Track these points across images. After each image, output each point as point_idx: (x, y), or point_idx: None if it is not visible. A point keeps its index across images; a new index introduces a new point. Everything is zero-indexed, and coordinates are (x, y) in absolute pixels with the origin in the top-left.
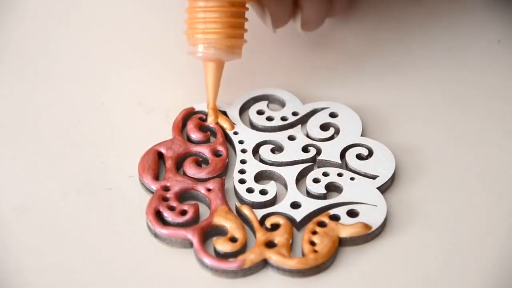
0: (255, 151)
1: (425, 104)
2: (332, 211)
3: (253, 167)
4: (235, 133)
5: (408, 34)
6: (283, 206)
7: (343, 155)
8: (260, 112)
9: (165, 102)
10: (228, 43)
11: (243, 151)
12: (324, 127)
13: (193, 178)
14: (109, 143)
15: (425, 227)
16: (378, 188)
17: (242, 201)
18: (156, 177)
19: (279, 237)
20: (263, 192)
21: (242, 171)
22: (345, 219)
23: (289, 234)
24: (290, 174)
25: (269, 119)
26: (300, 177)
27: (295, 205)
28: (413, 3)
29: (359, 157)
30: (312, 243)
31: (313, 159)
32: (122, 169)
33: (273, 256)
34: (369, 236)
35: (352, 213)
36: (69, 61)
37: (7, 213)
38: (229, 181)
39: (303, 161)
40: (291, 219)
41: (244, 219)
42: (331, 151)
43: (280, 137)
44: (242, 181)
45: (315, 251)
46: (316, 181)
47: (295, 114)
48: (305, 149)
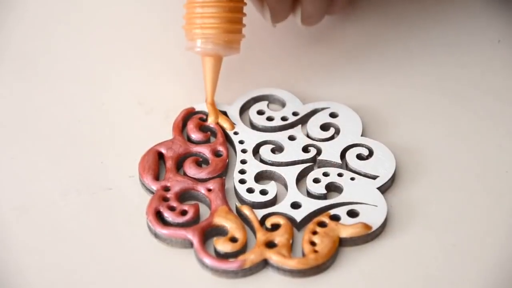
0: (256, 151)
1: (425, 104)
2: (333, 211)
3: (254, 167)
4: (236, 133)
5: (408, 34)
6: (283, 206)
7: (343, 155)
8: (260, 112)
9: (165, 102)
10: (226, 38)
11: (244, 151)
12: (324, 127)
13: (193, 178)
14: (109, 143)
15: (425, 227)
16: (378, 188)
17: (243, 201)
18: (157, 177)
19: (279, 237)
20: (263, 192)
21: (242, 171)
22: (345, 219)
23: (290, 234)
24: (290, 174)
25: (269, 119)
26: (301, 177)
27: (295, 205)
28: (413, 3)
29: (359, 157)
30: (313, 243)
31: (313, 159)
32: (122, 169)
33: (273, 256)
34: (369, 236)
35: (352, 213)
36: (69, 61)
37: (7, 213)
38: (230, 181)
39: (303, 161)
40: (291, 219)
41: (244, 219)
42: (331, 151)
43: (281, 137)
44: (242, 181)
45: (315, 251)
46: (316, 181)
47: (295, 114)
48: (305, 149)
